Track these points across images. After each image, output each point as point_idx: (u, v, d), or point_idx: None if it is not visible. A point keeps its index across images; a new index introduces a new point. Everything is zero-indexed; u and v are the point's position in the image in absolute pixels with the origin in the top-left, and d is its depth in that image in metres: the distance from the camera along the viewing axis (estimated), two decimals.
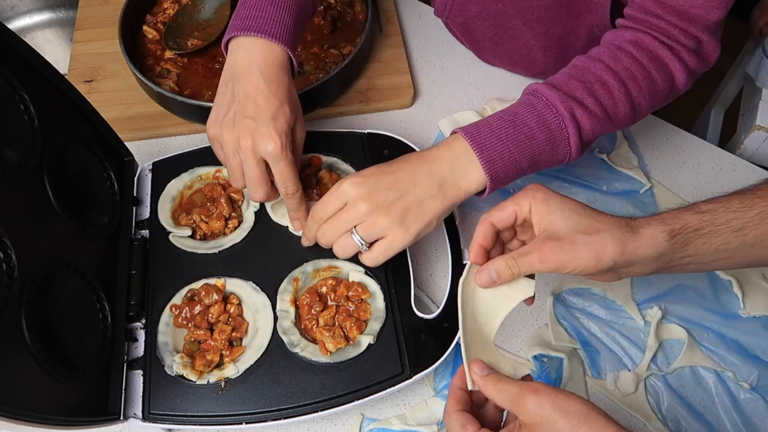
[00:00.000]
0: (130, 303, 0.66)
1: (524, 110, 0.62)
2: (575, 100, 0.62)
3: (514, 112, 0.62)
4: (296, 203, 0.65)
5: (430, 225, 0.61)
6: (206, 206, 0.73)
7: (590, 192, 0.81)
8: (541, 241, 0.52)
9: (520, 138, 0.60)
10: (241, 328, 0.65)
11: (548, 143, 0.62)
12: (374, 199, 0.59)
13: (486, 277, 0.54)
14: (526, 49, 0.85)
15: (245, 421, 0.60)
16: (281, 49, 0.63)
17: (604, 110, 0.63)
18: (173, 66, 0.89)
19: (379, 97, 0.90)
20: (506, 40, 0.86)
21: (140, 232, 0.72)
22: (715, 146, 0.87)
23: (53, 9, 1.25)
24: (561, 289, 0.74)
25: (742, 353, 0.70)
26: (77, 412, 0.57)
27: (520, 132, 0.61)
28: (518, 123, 0.61)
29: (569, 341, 0.70)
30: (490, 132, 0.60)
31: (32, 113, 0.60)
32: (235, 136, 0.61)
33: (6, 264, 0.51)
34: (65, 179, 0.63)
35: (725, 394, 0.68)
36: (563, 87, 0.63)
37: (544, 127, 0.61)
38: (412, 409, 0.67)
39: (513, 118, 0.61)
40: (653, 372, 0.69)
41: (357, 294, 0.66)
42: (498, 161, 0.60)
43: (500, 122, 0.61)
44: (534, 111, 0.61)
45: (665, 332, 0.71)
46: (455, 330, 0.62)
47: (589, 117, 0.62)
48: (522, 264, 0.53)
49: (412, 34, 0.98)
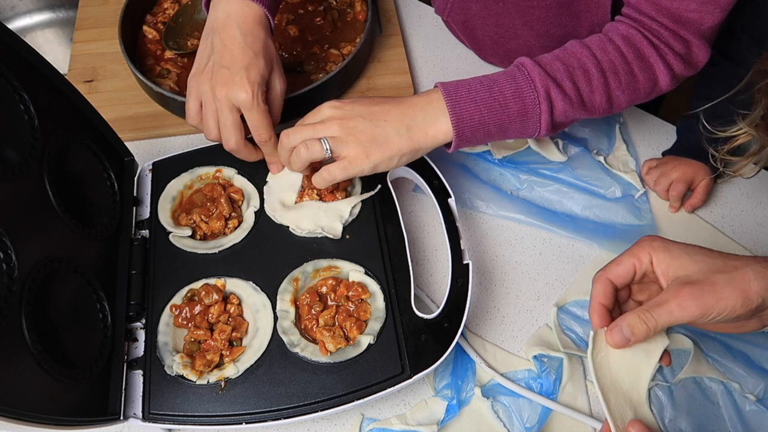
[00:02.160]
0: (130, 303, 0.66)
1: (504, 79, 0.64)
2: (554, 80, 0.64)
3: (494, 79, 0.64)
4: (270, 149, 0.68)
5: (390, 160, 0.64)
6: (206, 206, 0.73)
7: (588, 197, 0.81)
8: (676, 287, 0.48)
9: (494, 104, 0.63)
10: (241, 328, 0.65)
11: (520, 115, 0.64)
12: (346, 123, 0.62)
13: (619, 335, 0.49)
14: (526, 48, 0.85)
15: (245, 421, 0.60)
16: (258, 7, 0.66)
17: (580, 96, 0.65)
18: (173, 66, 0.89)
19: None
20: (507, 39, 0.86)
21: (140, 232, 0.72)
22: None
23: (53, 9, 1.25)
24: (566, 301, 0.74)
25: (748, 365, 0.69)
26: (77, 412, 0.57)
27: (494, 99, 0.63)
28: (495, 90, 0.63)
29: (577, 349, 0.70)
30: (467, 92, 0.63)
31: (32, 113, 0.60)
32: (212, 85, 0.64)
33: (6, 264, 0.51)
34: (65, 179, 0.63)
35: (731, 406, 0.67)
36: (546, 66, 0.65)
37: (519, 100, 0.63)
38: (412, 409, 0.67)
39: (492, 84, 0.64)
40: (658, 382, 0.68)
41: (357, 294, 0.66)
42: (467, 120, 0.63)
43: (479, 86, 0.64)
44: (513, 82, 0.64)
45: (671, 342, 0.70)
46: (455, 330, 0.62)
47: (564, 99, 0.64)
48: (659, 316, 0.47)
49: (412, 34, 0.98)
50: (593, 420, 0.67)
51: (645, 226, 0.79)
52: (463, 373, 0.69)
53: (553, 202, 0.81)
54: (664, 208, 0.81)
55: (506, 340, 0.72)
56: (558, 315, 0.73)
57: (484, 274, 0.76)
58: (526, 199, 0.81)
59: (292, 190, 0.73)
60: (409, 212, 0.80)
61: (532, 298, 0.75)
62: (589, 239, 0.78)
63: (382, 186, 0.72)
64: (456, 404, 0.67)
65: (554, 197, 0.81)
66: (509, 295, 0.75)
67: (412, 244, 0.77)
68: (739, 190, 0.83)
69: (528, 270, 0.77)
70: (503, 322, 0.73)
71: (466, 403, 0.67)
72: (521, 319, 0.73)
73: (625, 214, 0.79)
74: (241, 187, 0.75)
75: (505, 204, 0.80)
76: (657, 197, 0.82)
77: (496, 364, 0.70)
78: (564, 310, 0.73)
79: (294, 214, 0.71)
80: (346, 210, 0.71)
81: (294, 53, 0.90)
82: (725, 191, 0.83)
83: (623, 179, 0.82)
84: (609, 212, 0.80)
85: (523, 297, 0.75)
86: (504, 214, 0.80)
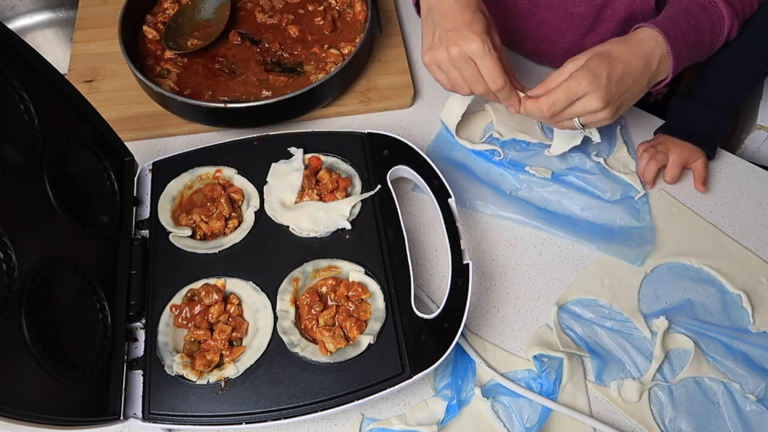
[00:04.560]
0: (130, 303, 0.66)
1: (704, 18, 0.72)
2: (738, 19, 0.74)
3: (697, 18, 0.71)
4: (506, 94, 0.70)
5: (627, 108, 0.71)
6: (206, 206, 0.73)
7: (588, 198, 0.81)
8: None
9: (698, 45, 0.72)
10: (241, 328, 0.65)
11: (707, 50, 0.75)
12: (607, 100, 0.66)
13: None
14: (558, 20, 0.86)
15: (245, 421, 0.60)
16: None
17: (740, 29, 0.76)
18: (173, 66, 0.89)
19: (379, 97, 0.90)
20: (542, 8, 0.87)
21: (140, 232, 0.72)
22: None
23: (53, 9, 1.25)
24: (567, 299, 0.74)
25: (749, 365, 0.69)
26: (77, 412, 0.57)
27: (699, 40, 0.72)
28: (699, 31, 0.71)
29: (577, 348, 0.70)
30: (682, 36, 0.70)
31: (32, 113, 0.60)
32: (445, 49, 0.67)
33: (6, 264, 0.51)
34: (65, 179, 0.63)
35: (731, 406, 0.67)
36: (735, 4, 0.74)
37: (711, 37, 0.73)
38: (412, 409, 0.67)
39: (697, 24, 0.71)
40: (659, 382, 0.68)
41: (357, 294, 0.66)
42: (683, 61, 0.71)
43: (688, 27, 0.71)
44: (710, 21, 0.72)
45: (672, 342, 0.71)
46: (455, 330, 0.62)
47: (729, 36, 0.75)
48: None
49: (412, 34, 0.98)
50: (593, 420, 0.67)
51: (643, 228, 0.79)
52: (463, 373, 0.69)
53: (553, 203, 0.81)
54: (665, 210, 0.81)
55: (506, 340, 0.72)
56: (558, 314, 0.73)
57: (484, 274, 0.76)
58: (526, 200, 0.81)
59: (292, 190, 0.73)
60: (409, 212, 0.80)
61: (532, 298, 0.75)
62: (587, 241, 0.78)
63: (382, 186, 0.73)
64: (456, 404, 0.67)
65: (553, 197, 0.81)
66: (509, 295, 0.75)
67: (412, 244, 0.77)
68: (739, 190, 0.83)
69: (528, 270, 0.77)
70: (503, 322, 0.73)
71: (466, 403, 0.67)
72: (521, 319, 0.73)
73: (623, 216, 0.79)
74: (241, 187, 0.75)
75: (504, 204, 0.80)
76: (656, 199, 0.82)
77: (496, 364, 0.70)
78: (564, 309, 0.73)
79: (294, 214, 0.71)
80: (346, 210, 0.71)
81: (294, 53, 0.91)
82: (725, 191, 0.83)
83: (623, 180, 0.82)
84: (608, 213, 0.80)
85: (523, 297, 0.75)
86: (503, 214, 0.80)
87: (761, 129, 0.95)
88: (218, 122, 0.86)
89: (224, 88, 0.87)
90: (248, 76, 0.88)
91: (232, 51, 0.91)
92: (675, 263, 0.77)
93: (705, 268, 0.76)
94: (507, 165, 0.84)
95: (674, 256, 0.77)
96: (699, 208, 0.82)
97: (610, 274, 0.76)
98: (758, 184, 0.83)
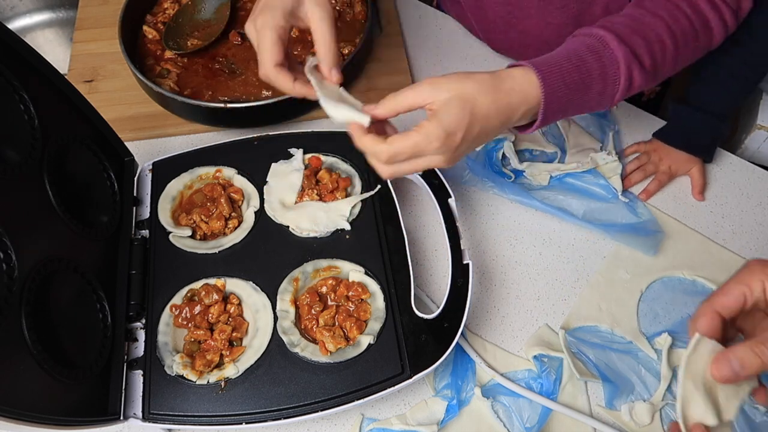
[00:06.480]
0: (130, 303, 0.66)
1: (591, 57, 0.60)
2: (637, 58, 0.61)
3: (581, 57, 0.60)
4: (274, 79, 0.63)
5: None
6: (206, 206, 0.73)
7: (588, 200, 0.81)
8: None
9: (581, 86, 0.60)
10: (242, 328, 0.65)
11: (598, 94, 0.61)
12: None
13: (727, 368, 0.43)
14: (539, 29, 0.85)
15: (245, 421, 0.60)
16: None
17: (656, 70, 0.63)
18: (173, 66, 0.89)
19: (379, 98, 0.88)
20: (520, 19, 0.85)
21: (140, 232, 0.72)
22: None
23: (53, 9, 1.25)
24: (569, 326, 0.73)
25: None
26: (77, 412, 0.57)
27: (582, 80, 0.59)
28: (583, 71, 0.60)
29: (591, 375, 0.69)
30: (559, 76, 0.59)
31: (32, 113, 0.60)
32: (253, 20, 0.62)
33: (6, 264, 0.51)
34: (65, 179, 0.63)
35: (741, 417, 0.66)
36: (629, 42, 0.61)
37: (602, 80, 0.60)
38: (412, 409, 0.67)
39: (580, 63, 0.60)
40: (669, 402, 0.68)
41: (357, 294, 0.66)
42: (556, 106, 0.59)
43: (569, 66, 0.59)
44: (599, 61, 0.60)
45: (677, 358, 0.70)
46: (455, 330, 0.62)
47: (643, 76, 0.61)
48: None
49: (412, 34, 0.98)
50: (593, 420, 0.67)
51: (646, 222, 0.79)
52: (463, 373, 0.69)
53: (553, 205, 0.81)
54: (665, 213, 0.81)
55: (506, 340, 0.72)
56: (567, 339, 0.71)
57: (484, 274, 0.76)
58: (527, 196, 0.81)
59: (292, 190, 0.73)
60: (409, 212, 0.80)
61: (532, 298, 0.75)
62: (602, 230, 0.77)
63: (382, 186, 0.72)
64: (456, 404, 0.67)
65: (553, 202, 0.81)
66: (509, 295, 0.75)
67: (412, 244, 0.76)
68: (739, 190, 0.83)
69: (528, 270, 0.77)
70: (503, 322, 0.73)
71: (466, 403, 0.67)
72: (521, 319, 0.73)
73: (625, 214, 0.80)
74: (241, 187, 0.75)
75: (508, 186, 0.80)
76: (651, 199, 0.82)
77: (496, 364, 0.70)
78: (571, 334, 0.72)
79: (294, 214, 0.71)
80: (346, 210, 0.71)
81: (294, 53, 0.90)
82: (725, 191, 0.83)
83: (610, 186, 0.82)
84: (609, 214, 0.80)
85: (523, 297, 0.75)
86: (508, 196, 0.80)
87: (761, 129, 0.95)
88: (218, 122, 0.86)
89: (224, 88, 0.87)
90: (248, 76, 0.88)
91: (232, 51, 0.91)
92: (669, 277, 0.76)
93: (699, 279, 0.75)
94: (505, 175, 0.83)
95: (667, 270, 0.76)
96: (699, 209, 0.82)
97: (606, 298, 0.75)
98: (758, 184, 0.83)
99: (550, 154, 0.85)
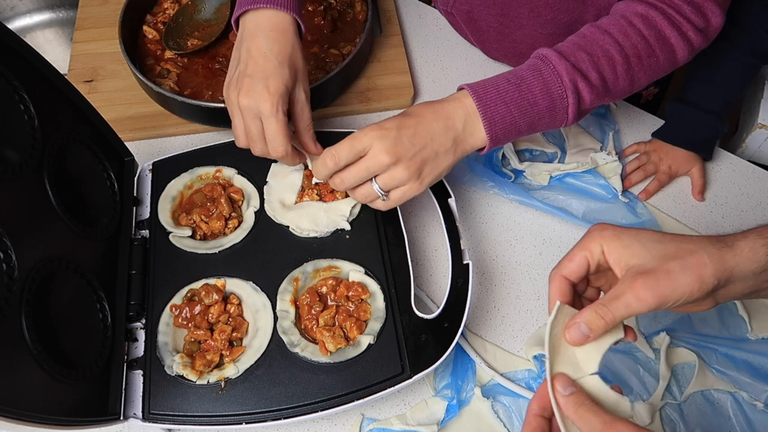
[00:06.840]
0: (130, 303, 0.66)
1: (531, 75, 0.63)
2: (580, 72, 0.63)
3: (520, 76, 0.63)
4: (289, 162, 0.68)
5: (440, 176, 0.64)
6: (206, 206, 0.73)
7: (588, 201, 0.81)
8: (630, 278, 0.46)
9: (523, 103, 0.62)
10: (242, 328, 0.65)
11: (548, 110, 0.63)
12: (396, 152, 0.60)
13: (576, 332, 0.47)
14: (531, 38, 0.85)
15: (245, 421, 0.60)
16: (286, 14, 0.66)
17: (605, 84, 0.65)
18: (173, 66, 0.89)
19: (379, 97, 0.90)
20: (512, 29, 0.86)
21: (140, 232, 0.72)
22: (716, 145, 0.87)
23: (53, 9, 1.25)
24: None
25: (753, 373, 0.69)
26: (77, 412, 0.57)
27: (523, 97, 0.62)
28: (523, 88, 0.63)
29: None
30: (496, 94, 0.62)
31: (32, 113, 0.60)
32: (236, 94, 0.64)
33: (6, 264, 0.51)
34: (65, 179, 0.63)
35: (741, 415, 0.66)
36: (571, 57, 0.64)
37: (547, 95, 0.63)
38: (412, 409, 0.67)
39: (519, 82, 0.63)
40: (668, 402, 0.68)
41: (357, 294, 0.66)
42: (499, 123, 0.62)
43: (507, 85, 0.63)
44: (540, 78, 0.63)
45: (675, 357, 0.70)
46: (455, 330, 0.62)
47: (591, 90, 0.64)
48: (616, 309, 0.45)
49: (412, 34, 0.98)
50: None
51: (645, 223, 0.79)
52: (463, 373, 0.69)
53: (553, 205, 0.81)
54: (665, 214, 0.81)
55: (506, 340, 0.72)
56: None
57: (484, 274, 0.76)
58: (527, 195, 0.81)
59: (292, 190, 0.73)
60: (409, 212, 0.80)
61: (532, 298, 0.75)
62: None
63: None
64: (456, 404, 0.67)
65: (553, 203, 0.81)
66: (509, 295, 0.75)
67: (412, 244, 0.76)
68: (739, 190, 0.83)
69: (528, 270, 0.77)
70: (503, 322, 0.73)
71: (466, 403, 0.67)
72: (521, 319, 0.73)
73: (625, 214, 0.80)
74: (241, 187, 0.75)
75: (507, 186, 0.80)
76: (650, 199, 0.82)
77: (496, 364, 0.70)
78: None
79: (294, 214, 0.71)
80: (346, 210, 0.71)
81: None
82: (725, 191, 0.83)
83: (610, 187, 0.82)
84: (609, 214, 0.80)
85: (523, 297, 0.75)
86: (511, 197, 0.80)
87: (762, 128, 0.95)
88: (218, 122, 0.86)
89: None
90: None
91: (232, 51, 0.91)
92: None
93: None
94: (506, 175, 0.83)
95: None
96: (699, 209, 0.81)
97: None
98: (758, 184, 0.83)
99: (550, 154, 0.85)
